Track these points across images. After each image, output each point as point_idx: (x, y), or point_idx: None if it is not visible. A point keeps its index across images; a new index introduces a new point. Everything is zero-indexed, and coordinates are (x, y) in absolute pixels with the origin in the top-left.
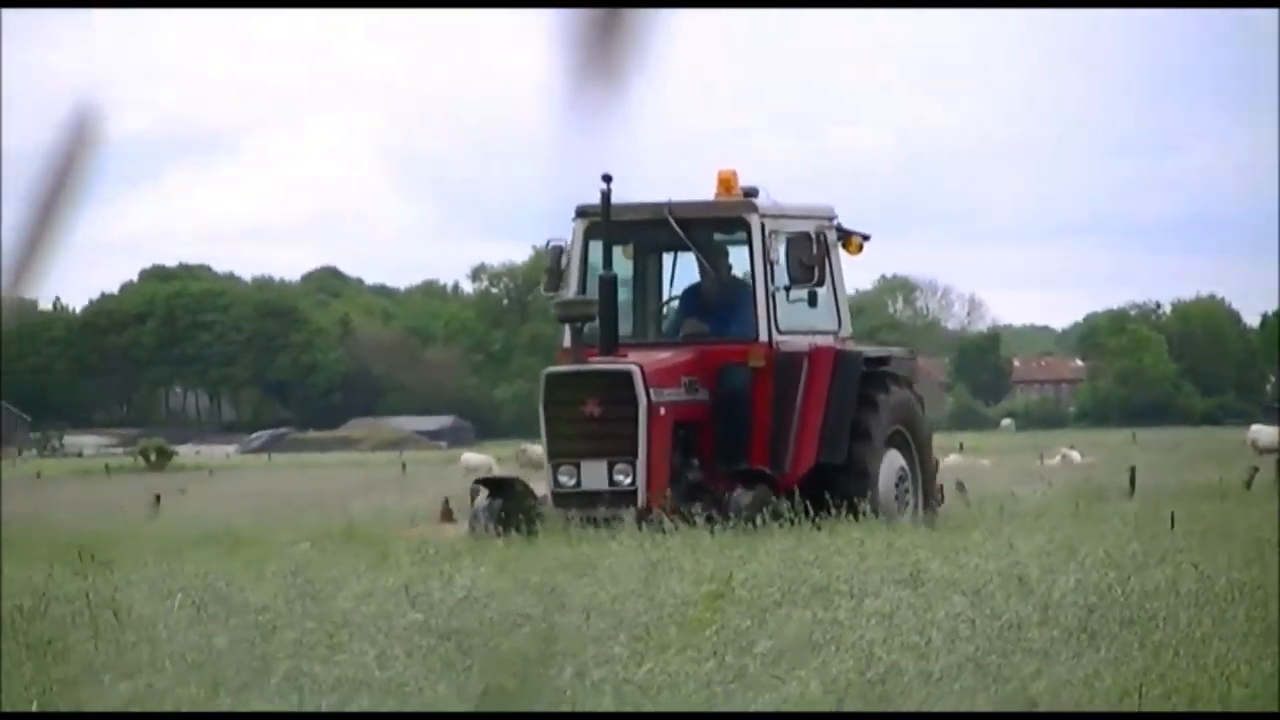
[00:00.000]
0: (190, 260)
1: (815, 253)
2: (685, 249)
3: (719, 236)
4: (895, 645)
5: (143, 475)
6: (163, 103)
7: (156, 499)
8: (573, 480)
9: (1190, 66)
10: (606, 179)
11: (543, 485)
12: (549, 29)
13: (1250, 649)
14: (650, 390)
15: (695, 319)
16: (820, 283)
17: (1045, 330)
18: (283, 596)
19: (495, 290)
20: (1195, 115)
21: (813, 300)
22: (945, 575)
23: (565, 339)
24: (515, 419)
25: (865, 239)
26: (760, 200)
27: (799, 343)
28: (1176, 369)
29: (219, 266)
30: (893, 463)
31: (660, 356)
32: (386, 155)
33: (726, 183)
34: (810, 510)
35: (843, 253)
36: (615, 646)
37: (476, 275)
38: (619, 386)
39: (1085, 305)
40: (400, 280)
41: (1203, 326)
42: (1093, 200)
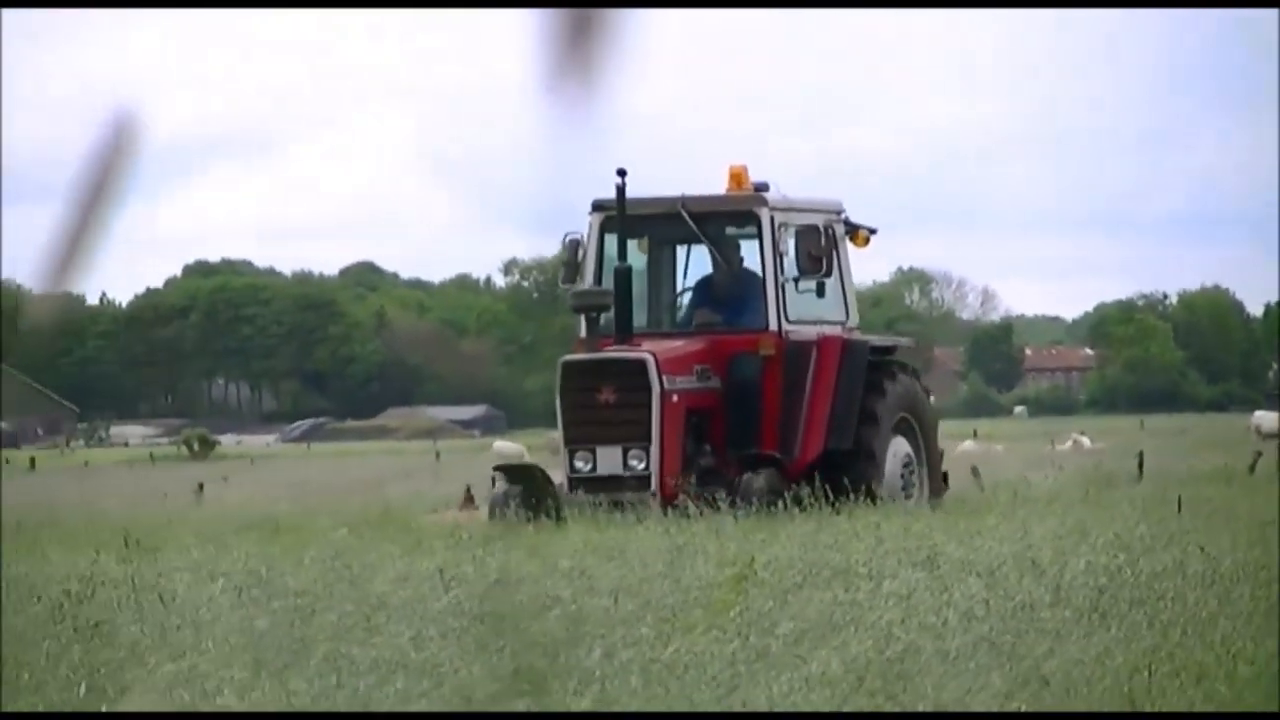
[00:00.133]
0: (232, 256)
1: (823, 245)
2: (698, 242)
3: (730, 230)
4: (913, 625)
5: (186, 464)
6: (206, 104)
7: (200, 487)
8: (588, 465)
9: (1196, 65)
10: (621, 173)
11: (561, 472)
12: (527, 28)
13: (1255, 627)
14: (664, 378)
15: (707, 309)
16: (828, 274)
17: (1056, 320)
18: (321, 581)
19: (526, 284)
20: (1200, 113)
21: (821, 291)
22: (961, 558)
23: (581, 329)
24: (545, 408)
25: (872, 232)
26: (770, 194)
27: (808, 332)
28: (1183, 357)
29: (260, 262)
30: (898, 449)
31: (673, 345)
32: (422, 154)
33: (738, 177)
34: (830, 495)
35: (850, 245)
36: (642, 628)
37: (508, 269)
38: (633, 374)
39: (1095, 296)
40: (435, 274)
41: (1208, 316)
42: (1102, 195)
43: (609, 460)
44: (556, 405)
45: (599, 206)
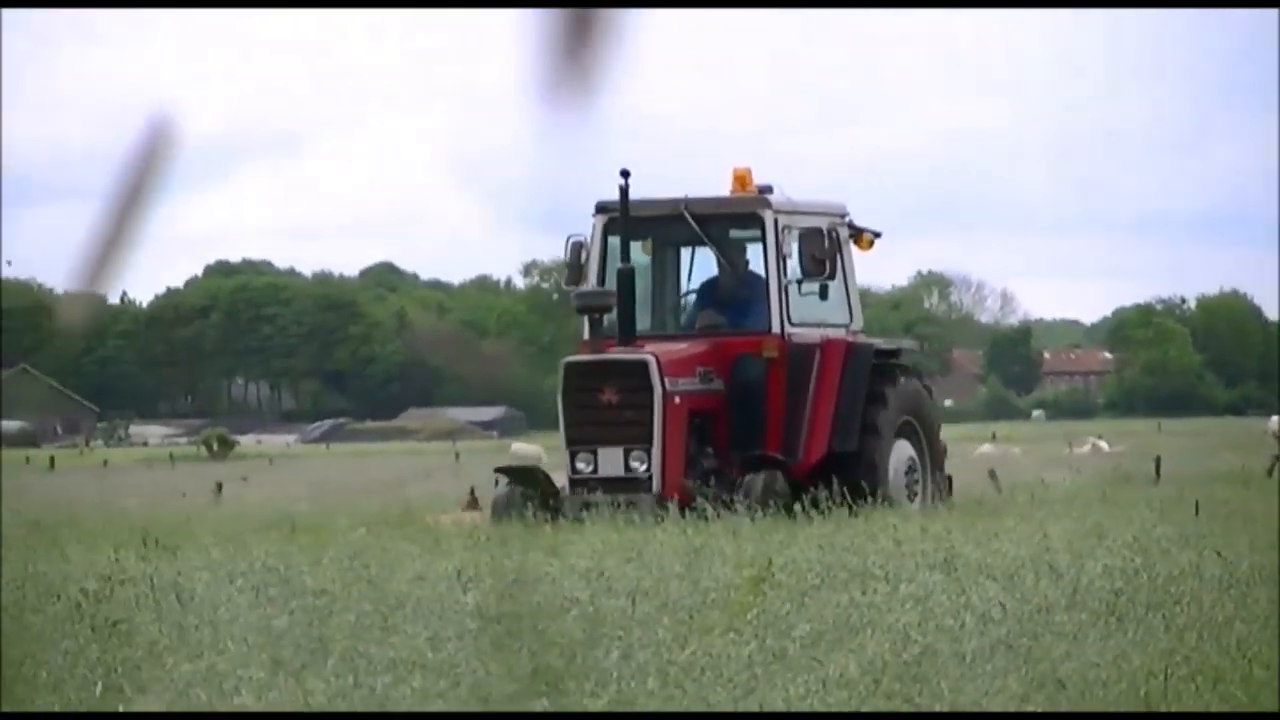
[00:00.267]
0: (253, 256)
1: (827, 248)
2: (701, 244)
3: (734, 232)
4: (930, 628)
5: (206, 464)
6: (226, 105)
7: (219, 486)
8: (590, 467)
9: (1217, 68)
10: (625, 175)
11: (563, 475)
12: (526, 28)
13: (1271, 631)
14: (666, 379)
15: (710, 311)
16: (831, 276)
17: (1074, 324)
18: (339, 580)
19: (546, 285)
20: (1219, 117)
21: (824, 294)
22: (978, 560)
23: (584, 330)
24: None
25: (876, 235)
26: (774, 197)
27: (811, 335)
28: (1200, 361)
29: (280, 262)
30: (902, 452)
31: (676, 347)
32: (442, 155)
33: (741, 179)
34: (847, 496)
35: (854, 248)
36: (660, 629)
37: (528, 270)
38: (635, 375)
39: (1113, 300)
40: (455, 275)
41: (1226, 320)
42: (1121, 199)
43: (610, 461)
44: (559, 406)
45: (602, 208)
